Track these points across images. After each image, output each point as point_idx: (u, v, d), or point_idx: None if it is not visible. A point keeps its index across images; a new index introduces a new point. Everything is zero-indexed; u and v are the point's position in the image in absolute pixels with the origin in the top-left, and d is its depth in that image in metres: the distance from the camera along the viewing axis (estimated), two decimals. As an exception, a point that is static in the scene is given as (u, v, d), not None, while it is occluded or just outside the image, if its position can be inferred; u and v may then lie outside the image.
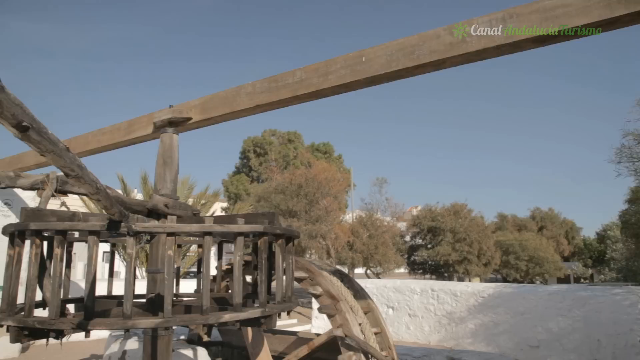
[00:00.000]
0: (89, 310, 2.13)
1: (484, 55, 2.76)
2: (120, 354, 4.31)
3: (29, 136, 1.23)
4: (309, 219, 20.15)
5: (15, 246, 2.32)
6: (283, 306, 2.60)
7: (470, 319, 9.15)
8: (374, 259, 23.06)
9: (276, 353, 4.40)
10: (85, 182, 1.69)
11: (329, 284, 3.77)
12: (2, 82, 1.02)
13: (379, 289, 10.58)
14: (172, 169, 3.28)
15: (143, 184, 14.06)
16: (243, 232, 2.42)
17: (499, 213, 45.01)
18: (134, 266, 2.21)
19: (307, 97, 3.29)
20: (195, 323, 2.40)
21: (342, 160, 35.91)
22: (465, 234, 27.50)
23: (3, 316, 2.23)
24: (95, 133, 4.79)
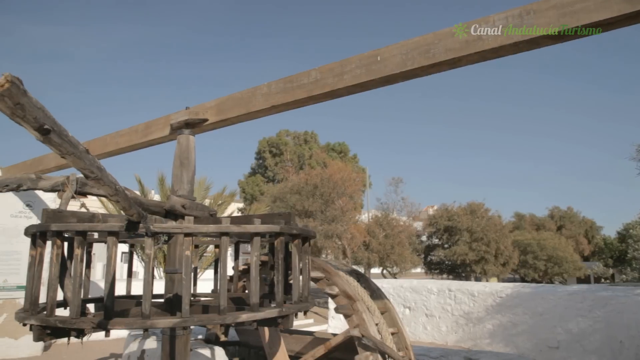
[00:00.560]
0: (109, 310, 2.16)
1: (501, 53, 2.72)
2: (139, 353, 4.36)
3: (50, 139, 1.25)
4: (325, 219, 20.15)
5: (37, 247, 2.37)
6: (300, 306, 2.61)
7: (488, 319, 9.06)
8: (390, 259, 22.97)
9: (293, 353, 4.41)
10: (105, 184, 1.72)
11: (345, 284, 3.77)
12: (24, 86, 1.04)
13: (395, 289, 10.54)
14: (189, 170, 3.31)
15: (160, 185, 14.20)
16: (260, 233, 2.44)
17: (517, 212, 44.48)
18: (152, 266, 2.23)
19: (322, 97, 3.29)
20: (213, 323, 2.41)
21: (357, 159, 35.83)
22: (482, 233, 27.23)
23: (26, 315, 2.27)
24: (113, 135, 4.85)
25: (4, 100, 1.01)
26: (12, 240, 7.61)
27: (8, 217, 7.64)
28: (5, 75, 0.99)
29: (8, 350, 7.46)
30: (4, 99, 1.01)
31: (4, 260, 7.53)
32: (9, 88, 0.99)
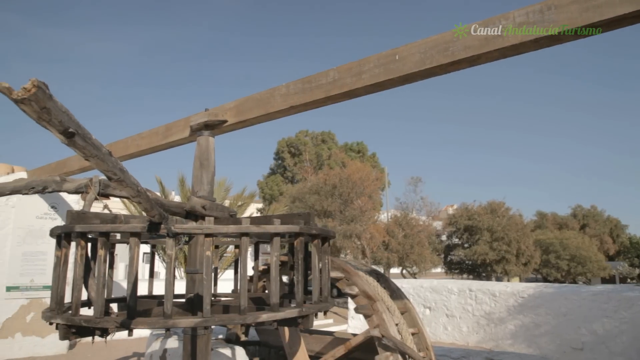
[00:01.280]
0: (132, 310, 2.19)
1: (521, 49, 2.68)
2: (161, 352, 4.41)
3: (75, 142, 1.27)
4: (344, 219, 20.13)
5: (62, 248, 2.42)
6: (320, 306, 2.61)
7: (509, 319, 8.94)
8: (409, 259, 22.84)
9: (313, 353, 4.41)
10: (127, 185, 1.74)
11: (365, 284, 3.76)
12: (49, 90, 1.07)
13: (415, 289, 10.47)
14: (209, 171, 3.34)
15: (181, 186, 14.35)
16: (279, 233, 2.44)
17: (538, 211, 43.82)
18: (174, 267, 2.25)
19: (340, 97, 3.28)
20: (234, 323, 2.43)
21: (376, 159, 35.71)
22: (503, 232, 26.90)
23: (52, 314, 2.32)
24: (134, 137, 4.92)
25: (31, 105, 1.04)
26: (38, 241, 7.79)
27: (34, 219, 7.82)
28: (32, 81, 1.01)
29: (35, 348, 7.64)
30: (31, 104, 1.03)
31: (30, 260, 7.70)
32: (35, 93, 1.02)
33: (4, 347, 7.37)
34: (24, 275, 7.63)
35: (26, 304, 7.63)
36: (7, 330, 7.43)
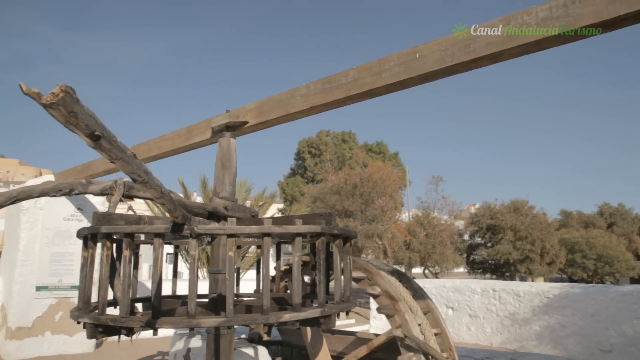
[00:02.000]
0: (156, 310, 2.22)
1: (544, 45, 2.63)
2: (185, 351, 4.47)
3: (101, 145, 1.30)
4: (365, 219, 20.08)
5: (88, 248, 2.47)
6: (342, 306, 2.61)
7: (534, 320, 8.79)
8: (431, 259, 22.66)
9: (335, 353, 4.41)
10: (151, 187, 1.77)
11: (387, 284, 3.74)
12: (76, 95, 1.09)
13: (437, 289, 10.38)
14: (231, 172, 3.36)
15: (202, 187, 14.50)
16: (301, 233, 2.45)
17: (563, 209, 42.95)
18: (197, 267, 2.28)
19: (360, 97, 3.28)
20: (256, 322, 2.45)
21: (398, 158, 35.50)
22: (526, 231, 26.47)
23: (80, 314, 2.37)
24: (157, 140, 4.99)
25: (59, 109, 1.06)
26: (66, 242, 7.96)
27: (61, 220, 8.00)
28: (60, 85, 1.04)
29: (64, 347, 7.82)
30: (59, 108, 1.06)
31: (58, 261, 7.88)
32: (63, 97, 1.04)
33: (35, 345, 7.57)
34: (52, 276, 7.81)
35: (55, 303, 7.81)
36: (37, 329, 7.63)
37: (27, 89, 1.00)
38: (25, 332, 7.52)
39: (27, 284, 7.61)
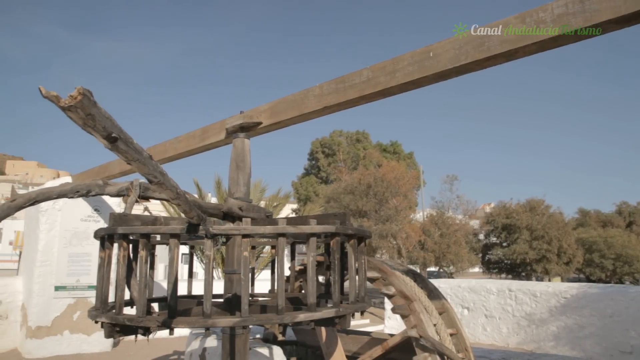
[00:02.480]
0: (172, 309, 2.24)
1: (561, 42, 2.59)
2: (201, 351, 4.50)
3: (118, 147, 1.31)
4: (379, 219, 20.03)
5: (105, 249, 2.50)
6: (357, 306, 2.60)
7: (552, 320, 8.68)
8: (446, 258, 22.51)
9: (350, 353, 4.41)
10: (167, 188, 1.79)
11: (402, 283, 3.73)
12: (94, 97, 1.11)
13: (452, 289, 10.31)
14: (245, 173, 3.38)
15: (217, 188, 14.59)
16: (315, 233, 2.45)
17: (580, 208, 42.32)
18: (212, 267, 2.29)
19: (374, 96, 3.27)
20: (271, 322, 2.45)
21: (413, 158, 35.33)
22: (543, 231, 26.14)
23: (98, 313, 2.40)
24: (172, 141, 5.03)
25: (77, 112, 1.08)
26: (83, 243, 8.07)
27: (79, 221, 8.11)
28: (78, 89, 1.05)
29: (82, 346, 7.93)
30: (77, 111, 1.08)
31: (76, 261, 8.00)
32: (81, 100, 1.06)
33: (54, 344, 7.69)
34: (70, 276, 7.93)
35: (73, 303, 7.92)
36: (56, 328, 7.74)
37: (46, 92, 1.02)
38: (44, 331, 7.65)
39: (46, 284, 7.73)
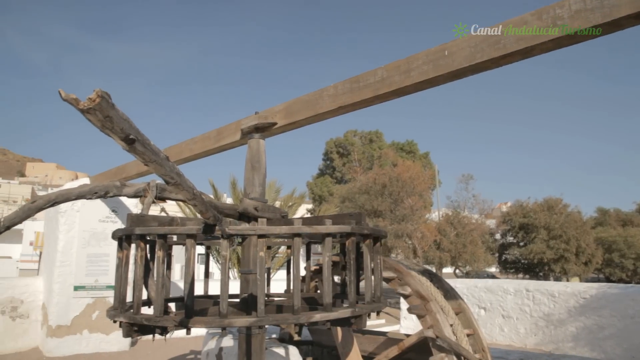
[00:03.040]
0: (189, 309, 2.26)
1: (579, 38, 2.55)
2: (217, 350, 4.53)
3: (135, 148, 1.33)
4: (394, 219, 19.96)
5: (123, 249, 2.53)
6: (373, 306, 2.60)
7: (570, 321, 8.56)
8: (462, 258, 22.33)
9: (366, 353, 4.40)
10: (183, 189, 1.80)
11: (418, 283, 3.71)
12: (112, 100, 1.12)
13: (469, 289, 10.22)
14: (260, 173, 3.39)
15: (232, 188, 14.68)
16: (331, 233, 2.45)
17: (599, 207, 41.61)
18: (228, 267, 2.31)
19: (389, 96, 3.25)
20: (287, 322, 2.46)
21: (428, 158, 35.14)
22: (561, 230, 25.77)
23: (116, 313, 2.43)
24: (187, 142, 5.07)
25: (96, 114, 1.10)
26: (101, 243, 8.18)
27: (97, 222, 8.22)
28: (96, 91, 1.07)
29: (100, 345, 8.04)
30: (96, 113, 1.09)
31: (94, 261, 8.11)
32: (99, 102, 1.07)
33: (74, 343, 7.81)
34: (89, 276, 8.04)
35: (91, 303, 8.04)
36: (76, 327, 7.86)
37: (65, 95, 1.04)
38: (64, 330, 7.77)
39: (65, 283, 7.85)
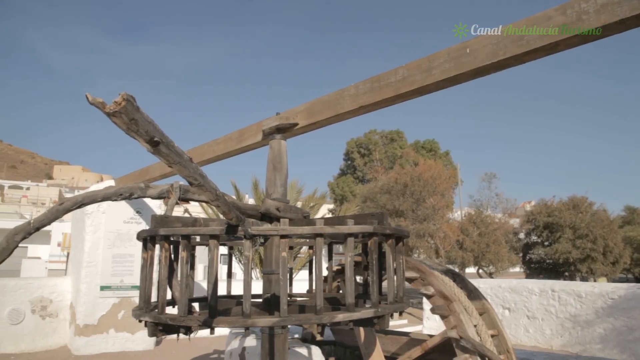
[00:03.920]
0: (213, 309, 2.28)
1: (605, 33, 2.49)
2: (240, 350, 4.56)
3: (160, 150, 1.35)
4: (416, 218, 19.82)
5: (147, 250, 2.56)
6: (395, 306, 2.59)
7: (598, 322, 8.38)
8: (485, 258, 22.03)
9: (388, 353, 4.38)
10: (207, 190, 1.82)
11: (441, 284, 3.68)
12: (137, 103, 1.14)
13: (493, 289, 10.09)
14: (282, 174, 3.40)
15: (254, 189, 14.77)
16: (353, 233, 2.45)
17: (627, 205, 40.54)
18: (251, 267, 2.32)
19: (410, 95, 3.23)
20: (310, 322, 2.46)
21: (449, 157, 34.81)
22: (587, 229, 25.18)
23: (141, 313, 2.47)
24: (210, 144, 5.12)
25: (121, 117, 1.12)
26: (126, 244, 8.33)
27: (122, 223, 8.37)
28: (122, 94, 1.09)
29: (126, 344, 8.18)
30: (121, 116, 1.11)
31: (119, 262, 8.26)
32: (125, 106, 1.09)
33: (100, 342, 7.97)
34: (114, 276, 8.20)
35: (117, 302, 8.19)
36: (102, 326, 8.02)
37: (92, 99, 1.06)
38: (91, 329, 7.93)
39: (92, 283, 8.01)
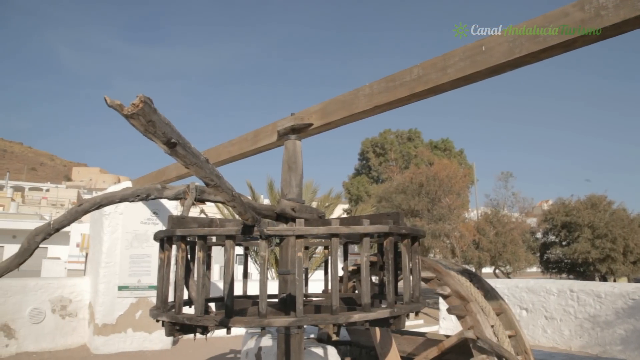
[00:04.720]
0: (229, 309, 2.29)
1: (625, 28, 2.44)
2: (256, 350, 4.58)
3: (177, 151, 1.36)
4: (432, 218, 19.70)
5: (164, 250, 2.59)
6: (411, 307, 2.58)
7: (618, 323, 8.24)
8: (502, 258, 21.80)
9: (404, 354, 4.36)
10: (223, 191, 1.83)
11: (457, 284, 3.65)
12: (154, 105, 1.15)
13: (510, 289, 9.98)
14: (297, 174, 3.41)
15: (269, 189, 14.81)
16: (369, 233, 2.44)
17: (648, 205, 39.75)
18: (267, 268, 2.33)
19: (425, 94, 3.21)
20: (326, 322, 2.47)
21: (464, 155, 34.52)
22: (606, 229, 24.75)
23: (159, 312, 2.49)
24: (225, 145, 5.15)
25: (139, 119, 1.13)
26: (143, 245, 8.42)
27: (139, 224, 8.46)
28: (139, 96, 1.10)
29: (144, 343, 8.27)
30: (139, 118, 1.13)
31: (137, 262, 8.35)
32: (142, 107, 1.11)
33: (119, 341, 8.07)
34: (132, 276, 8.29)
35: (135, 302, 8.28)
36: (120, 326, 8.12)
37: (111, 102, 1.08)
38: (110, 328, 8.03)
39: (110, 283, 8.12)
